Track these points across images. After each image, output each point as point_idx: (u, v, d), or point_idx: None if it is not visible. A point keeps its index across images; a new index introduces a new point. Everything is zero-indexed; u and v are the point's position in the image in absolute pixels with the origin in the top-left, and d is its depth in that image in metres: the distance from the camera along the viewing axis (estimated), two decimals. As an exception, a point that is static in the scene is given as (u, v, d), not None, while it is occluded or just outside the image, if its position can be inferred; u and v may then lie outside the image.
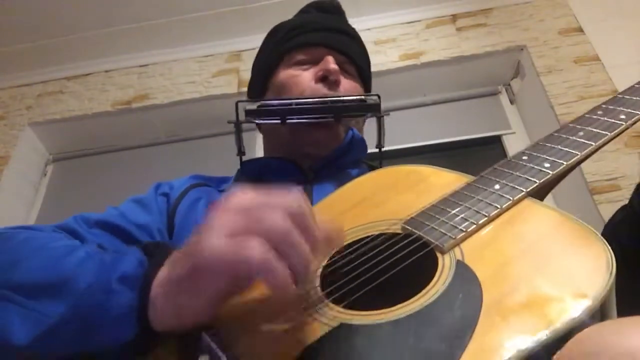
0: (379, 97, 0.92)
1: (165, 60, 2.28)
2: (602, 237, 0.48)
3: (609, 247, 0.47)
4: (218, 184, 0.99)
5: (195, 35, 2.25)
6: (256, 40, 2.14)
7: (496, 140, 2.05)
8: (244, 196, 0.48)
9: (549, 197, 1.78)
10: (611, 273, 0.44)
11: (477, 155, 2.04)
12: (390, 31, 2.18)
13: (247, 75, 2.14)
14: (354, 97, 0.92)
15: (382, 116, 0.94)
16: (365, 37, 1.02)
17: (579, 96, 1.85)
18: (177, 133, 2.27)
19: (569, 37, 2.02)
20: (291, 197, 0.47)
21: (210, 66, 2.24)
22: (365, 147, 0.98)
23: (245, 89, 2.07)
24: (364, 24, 2.16)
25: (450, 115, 2.14)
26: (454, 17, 2.18)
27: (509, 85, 2.17)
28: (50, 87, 2.29)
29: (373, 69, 1.04)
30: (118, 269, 0.50)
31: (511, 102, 2.13)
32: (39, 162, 2.26)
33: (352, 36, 1.05)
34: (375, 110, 0.92)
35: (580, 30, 2.03)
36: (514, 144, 1.98)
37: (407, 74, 2.11)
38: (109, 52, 2.28)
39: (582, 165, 1.62)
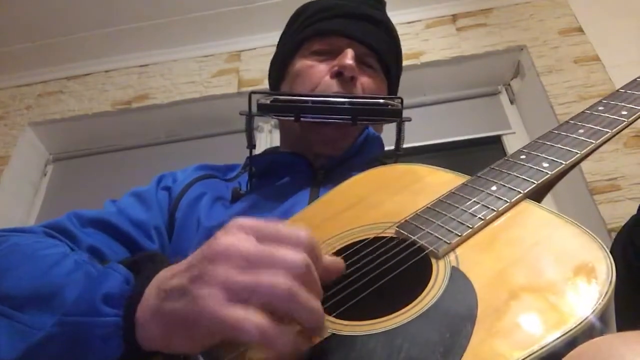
0: (401, 100, 0.85)
1: (165, 60, 2.28)
2: (602, 243, 0.46)
3: (609, 254, 0.45)
4: (225, 173, 0.96)
5: (195, 35, 2.25)
6: (256, 40, 2.18)
7: (496, 140, 2.04)
8: (244, 239, 0.43)
9: (549, 197, 1.78)
10: (611, 280, 0.42)
11: (477, 155, 2.03)
12: (390, 31, 2.17)
13: (247, 75, 2.16)
14: (375, 101, 0.85)
15: (404, 121, 0.86)
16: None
17: (579, 96, 1.84)
18: (177, 133, 2.26)
19: (569, 37, 2.01)
20: (297, 248, 0.43)
21: (210, 66, 2.23)
22: (382, 145, 0.93)
23: (245, 89, 2.09)
24: (364, 24, 2.13)
25: (450, 115, 2.14)
26: (454, 17, 2.17)
27: (509, 85, 2.16)
28: (50, 87, 2.28)
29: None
30: (102, 287, 0.47)
31: (511, 102, 2.12)
32: (39, 162, 2.26)
33: (380, 23, 0.95)
34: (395, 115, 0.85)
35: (580, 30, 2.02)
36: (514, 144, 1.98)
37: (407, 74, 2.08)
38: (109, 52, 2.27)
39: (582, 165, 1.64)
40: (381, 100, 0.86)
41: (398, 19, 2.18)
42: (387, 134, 0.96)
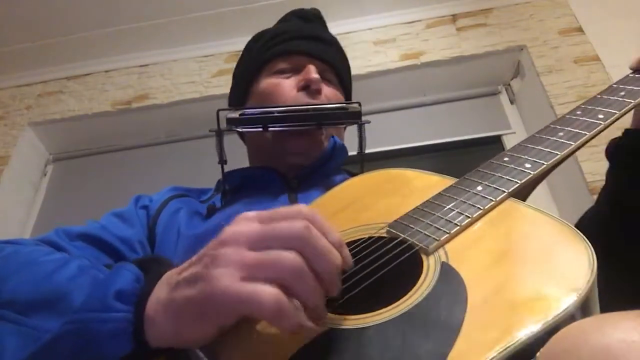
0: (359, 104, 0.93)
1: (165, 60, 2.28)
2: (583, 235, 0.49)
3: (590, 245, 0.48)
4: (198, 195, 0.99)
5: (195, 35, 2.25)
6: (256, 41, 2.17)
7: (496, 140, 2.05)
8: (249, 225, 0.47)
9: (549, 197, 1.77)
10: (593, 270, 0.45)
11: (477, 155, 2.03)
12: (390, 31, 2.17)
13: (246, 75, 2.15)
14: (336, 105, 0.93)
15: (363, 123, 0.94)
16: (365, 37, 1.01)
17: (579, 96, 1.84)
18: (177, 133, 2.27)
19: (569, 37, 2.01)
20: (300, 219, 0.46)
21: (210, 66, 2.24)
22: (346, 153, 0.99)
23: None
24: (364, 24, 2.16)
25: (450, 115, 2.14)
26: (454, 17, 2.17)
27: (509, 85, 2.16)
28: (50, 87, 2.29)
29: (373, 69, 1.03)
30: (114, 284, 0.48)
31: (511, 102, 2.13)
32: (39, 162, 2.27)
33: (332, 43, 1.06)
34: (356, 117, 0.93)
35: (580, 30, 2.02)
36: (514, 144, 1.97)
37: (407, 74, 2.10)
38: (109, 52, 2.28)
39: (582, 165, 1.63)
40: (343, 105, 0.94)
41: (398, 19, 2.19)
42: (349, 142, 1.02)
